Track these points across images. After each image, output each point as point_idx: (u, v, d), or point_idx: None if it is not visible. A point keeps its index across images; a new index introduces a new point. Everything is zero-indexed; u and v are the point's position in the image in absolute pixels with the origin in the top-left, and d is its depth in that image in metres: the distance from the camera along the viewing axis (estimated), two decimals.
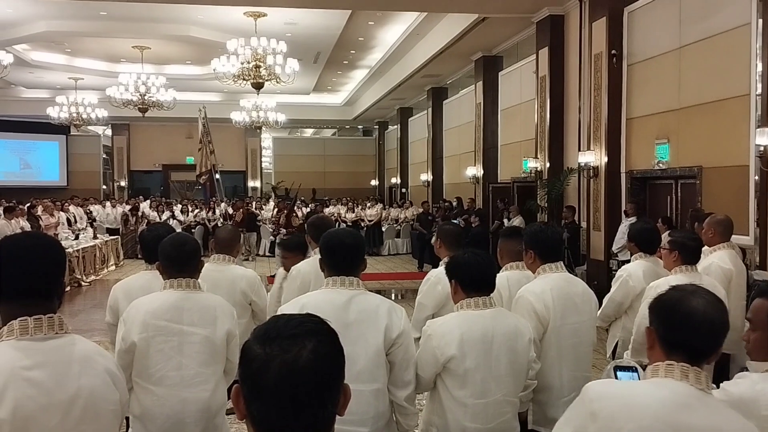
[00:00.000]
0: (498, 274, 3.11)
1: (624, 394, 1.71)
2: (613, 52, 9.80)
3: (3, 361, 1.72)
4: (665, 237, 4.45)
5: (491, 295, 2.84)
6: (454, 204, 16.19)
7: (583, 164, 10.49)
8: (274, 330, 1.22)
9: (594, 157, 10.26)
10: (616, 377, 2.04)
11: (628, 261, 4.62)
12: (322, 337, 1.22)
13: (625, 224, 9.05)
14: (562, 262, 3.37)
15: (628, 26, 9.81)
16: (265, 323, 1.27)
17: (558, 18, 11.60)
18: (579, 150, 10.82)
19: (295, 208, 17.11)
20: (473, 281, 2.80)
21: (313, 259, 3.81)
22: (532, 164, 12.34)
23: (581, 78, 10.96)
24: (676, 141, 8.91)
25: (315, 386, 1.18)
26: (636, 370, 2.07)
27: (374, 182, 27.78)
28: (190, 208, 18.85)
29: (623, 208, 9.76)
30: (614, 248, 9.40)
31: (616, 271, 8.65)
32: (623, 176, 9.98)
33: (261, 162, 28.23)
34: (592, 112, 10.36)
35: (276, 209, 17.75)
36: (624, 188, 9.98)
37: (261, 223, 18.79)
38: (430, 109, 19.90)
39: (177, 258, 3.00)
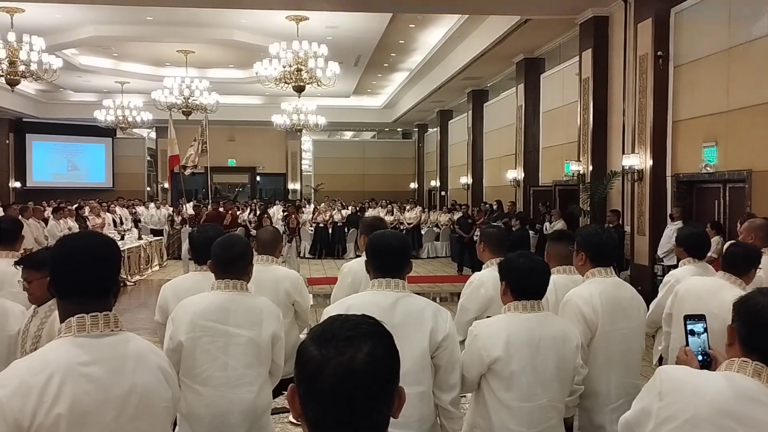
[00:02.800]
0: None
1: (691, 381, 1.79)
2: (660, 53, 9.64)
3: (61, 357, 1.75)
4: (715, 242, 4.35)
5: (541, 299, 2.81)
6: (494, 207, 16.08)
7: (627, 167, 10.33)
8: (329, 331, 1.22)
9: (639, 160, 10.09)
10: (686, 327, 2.10)
11: (675, 266, 4.52)
12: (378, 339, 1.22)
13: (670, 228, 8.89)
14: (613, 267, 3.30)
15: (675, 27, 9.63)
16: (321, 324, 1.27)
17: (602, 19, 11.45)
18: (623, 153, 10.66)
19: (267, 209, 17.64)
20: (524, 287, 2.78)
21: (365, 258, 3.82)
22: (574, 167, 12.19)
23: (626, 80, 10.79)
24: (724, 144, 8.71)
25: (370, 389, 1.18)
26: (704, 318, 2.13)
27: (413, 185, 27.76)
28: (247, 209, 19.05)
29: (669, 212, 9.58)
30: (660, 253, 9.23)
31: (661, 275, 8.56)
32: (669, 180, 9.80)
33: (301, 164, 28.45)
34: (637, 115, 10.20)
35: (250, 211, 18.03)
36: (669, 192, 9.79)
37: (301, 225, 18.92)
38: (470, 112, 19.82)
39: (225, 258, 3.03)
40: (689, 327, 2.14)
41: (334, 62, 13.35)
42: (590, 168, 11.64)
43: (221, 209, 15.10)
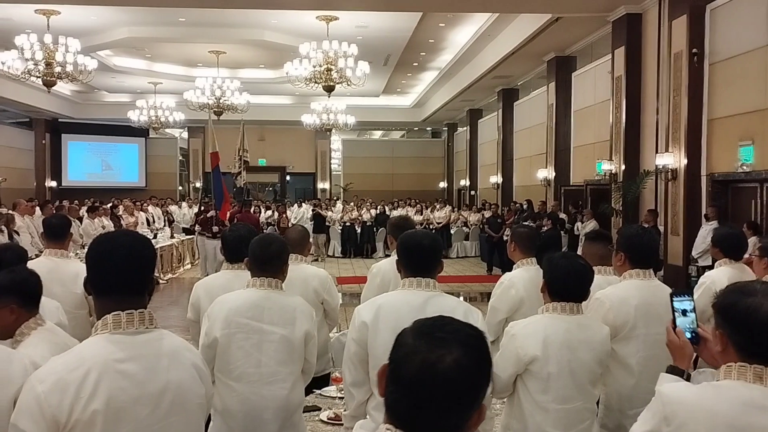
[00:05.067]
0: None
1: (696, 400, 1.73)
2: (694, 50, 9.47)
3: (97, 354, 1.78)
4: (752, 243, 4.26)
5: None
6: (525, 206, 15.96)
7: (660, 166, 10.18)
8: (429, 326, 1.25)
9: (672, 159, 9.94)
10: (672, 305, 2.07)
11: (710, 267, 4.44)
12: (470, 350, 1.22)
13: (705, 228, 8.74)
14: (652, 270, 3.23)
15: (711, 24, 9.46)
16: (431, 318, 1.28)
17: (635, 17, 11.29)
18: (656, 152, 10.50)
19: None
20: (562, 289, 2.75)
21: (394, 258, 3.83)
22: (606, 166, 12.05)
23: (659, 78, 10.63)
24: (761, 142, 8.53)
25: (447, 394, 1.19)
26: (691, 293, 2.11)
27: (443, 184, 27.68)
28: (262, 210, 19.21)
29: (703, 212, 9.42)
30: (694, 253, 9.09)
31: (695, 276, 8.42)
32: (704, 179, 9.63)
33: (330, 164, 28.54)
34: (671, 113, 10.04)
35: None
36: (704, 191, 9.63)
37: (330, 224, 19.02)
38: (500, 111, 19.70)
39: (261, 256, 3.06)
40: (676, 305, 2.08)
41: (364, 62, 13.38)
42: (623, 167, 11.50)
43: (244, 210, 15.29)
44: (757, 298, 1.72)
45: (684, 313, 2.08)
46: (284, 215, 16.64)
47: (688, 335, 2.06)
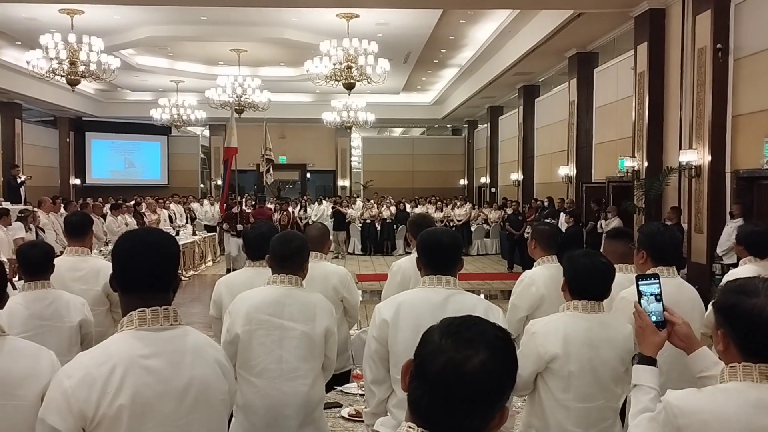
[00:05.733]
0: None
1: (706, 408, 1.70)
2: (719, 46, 9.35)
3: (123, 350, 1.81)
4: None
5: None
6: (546, 204, 15.88)
7: (684, 163, 10.06)
8: (457, 326, 1.25)
9: (696, 155, 9.82)
10: (638, 287, 2.05)
11: (734, 265, 4.39)
12: (497, 352, 1.22)
13: (730, 226, 8.63)
14: (675, 267, 3.20)
15: (735, 19, 9.33)
16: (459, 317, 1.29)
17: (658, 12, 11.17)
18: (680, 148, 10.39)
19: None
20: (583, 287, 2.73)
21: (414, 256, 3.84)
22: (628, 163, 11.94)
23: (683, 74, 10.51)
24: None
25: (471, 395, 1.19)
26: (658, 277, 2.07)
27: (463, 182, 27.59)
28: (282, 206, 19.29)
29: (728, 209, 9.31)
30: (719, 251, 8.97)
31: (719, 274, 8.32)
32: (728, 176, 9.51)
33: (350, 161, 28.59)
34: (695, 109, 9.93)
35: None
36: (729, 188, 9.50)
37: (350, 221, 19.05)
38: (521, 108, 19.59)
39: (281, 253, 3.09)
40: (643, 289, 2.03)
41: (384, 59, 13.38)
42: (645, 164, 11.39)
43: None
44: (759, 299, 1.69)
45: (652, 296, 2.03)
46: (286, 212, 16.49)
47: (654, 319, 2.02)
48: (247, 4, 12.72)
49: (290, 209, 17.39)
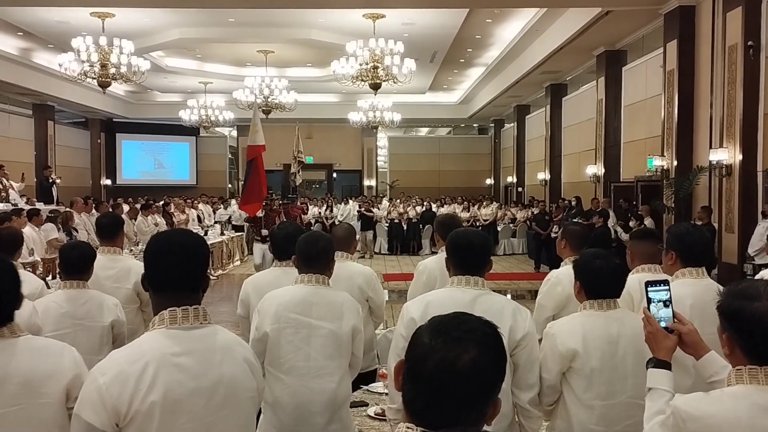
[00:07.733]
0: (629, 276, 2.99)
1: (715, 412, 1.71)
2: (750, 43, 9.20)
3: (155, 348, 1.85)
4: None
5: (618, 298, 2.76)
6: (573, 203, 15.76)
7: (714, 162, 9.92)
8: (445, 325, 1.28)
9: (727, 154, 9.68)
10: (647, 293, 2.05)
11: (766, 265, 4.33)
12: (487, 349, 1.25)
13: (762, 226, 8.50)
14: (704, 268, 3.16)
15: (767, 16, 9.18)
16: (446, 315, 1.32)
17: (688, 9, 11.02)
18: (710, 147, 10.24)
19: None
20: (598, 289, 2.75)
21: (440, 256, 3.85)
22: (657, 162, 11.80)
23: (713, 71, 10.36)
24: None
25: (465, 391, 1.22)
26: (667, 283, 2.07)
27: (489, 181, 27.48)
28: (309, 206, 19.39)
29: (760, 208, 9.16)
30: (750, 251, 8.84)
31: (751, 275, 8.19)
32: (760, 175, 9.36)
33: (377, 161, 28.63)
34: (726, 107, 9.78)
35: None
36: (761, 187, 9.35)
37: (377, 221, 19.08)
38: (548, 107, 19.46)
39: (308, 253, 3.13)
40: (651, 295, 2.04)
41: (410, 59, 13.38)
42: (675, 163, 11.25)
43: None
44: (762, 303, 1.69)
45: (661, 302, 2.04)
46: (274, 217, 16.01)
47: (664, 325, 2.03)
48: (274, 5, 12.81)
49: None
